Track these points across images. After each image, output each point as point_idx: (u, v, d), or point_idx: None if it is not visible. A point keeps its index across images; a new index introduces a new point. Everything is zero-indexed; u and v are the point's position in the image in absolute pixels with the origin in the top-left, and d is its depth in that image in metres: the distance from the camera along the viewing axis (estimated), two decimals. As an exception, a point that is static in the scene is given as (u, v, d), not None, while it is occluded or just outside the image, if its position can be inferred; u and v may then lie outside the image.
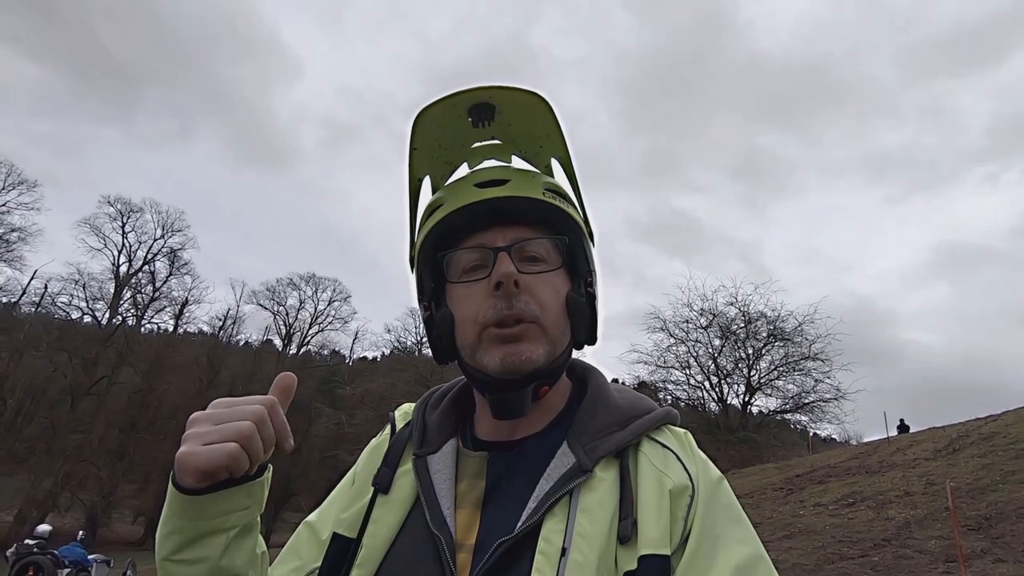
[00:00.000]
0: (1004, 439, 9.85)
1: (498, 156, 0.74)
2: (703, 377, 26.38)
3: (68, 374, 29.93)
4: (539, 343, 0.63)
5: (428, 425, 0.71)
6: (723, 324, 25.96)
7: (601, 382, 0.73)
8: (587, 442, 0.63)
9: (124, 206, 34.21)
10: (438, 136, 0.70)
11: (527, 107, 0.67)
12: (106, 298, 33.18)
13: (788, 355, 24.92)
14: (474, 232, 0.66)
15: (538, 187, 0.67)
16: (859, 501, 8.59)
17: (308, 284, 39.37)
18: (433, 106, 0.66)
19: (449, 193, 0.68)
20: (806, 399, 24.36)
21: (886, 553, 5.79)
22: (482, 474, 0.65)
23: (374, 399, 29.05)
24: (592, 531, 0.56)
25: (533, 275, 0.64)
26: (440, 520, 0.61)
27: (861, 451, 12.70)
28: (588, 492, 0.59)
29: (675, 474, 0.61)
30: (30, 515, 27.29)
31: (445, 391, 0.77)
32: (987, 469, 8.29)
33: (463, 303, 0.65)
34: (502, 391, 0.64)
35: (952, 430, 12.47)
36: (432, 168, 0.73)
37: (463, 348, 0.66)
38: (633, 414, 0.67)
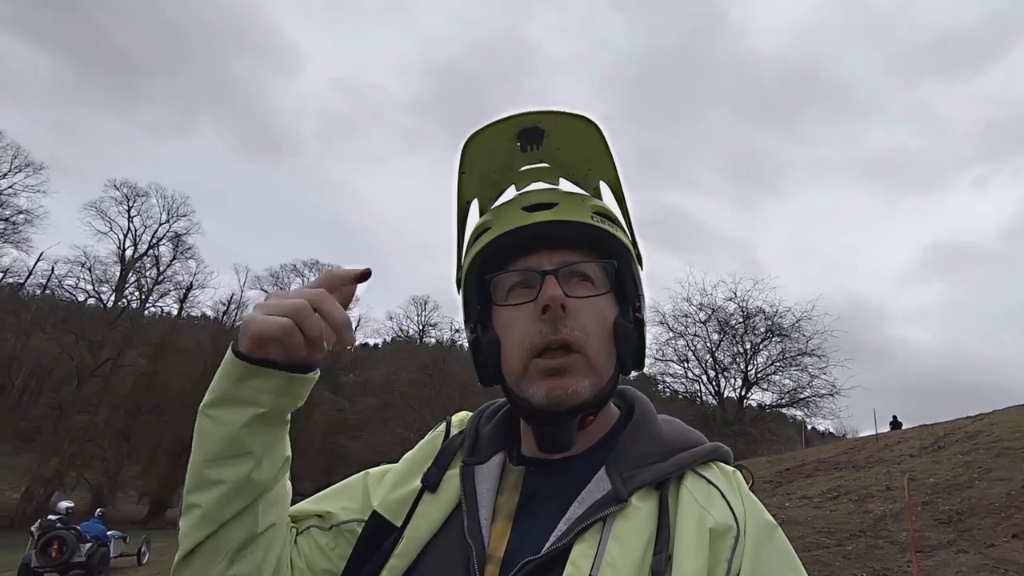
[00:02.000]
0: (987, 437, 10.14)
1: (545, 178, 0.73)
2: (701, 371, 26.71)
3: (74, 356, 30.35)
4: (584, 376, 0.62)
5: (480, 436, 0.72)
6: (722, 319, 26.21)
7: (648, 411, 0.72)
8: (625, 470, 0.62)
9: (130, 190, 34.50)
10: (487, 160, 0.70)
11: (576, 131, 0.67)
12: (111, 281, 33.58)
13: (785, 351, 25.20)
14: (521, 255, 0.66)
15: (586, 210, 0.67)
16: (842, 495, 8.90)
17: (311, 270, 39.65)
18: (483, 131, 0.66)
19: (496, 216, 0.69)
20: (802, 394, 24.68)
21: (860, 543, 6.09)
22: (518, 487, 0.65)
23: (376, 387, 29.45)
24: (622, 561, 0.55)
25: (580, 299, 0.64)
26: (476, 530, 0.61)
27: (851, 446, 13.02)
28: (622, 520, 0.58)
29: (718, 512, 0.59)
30: (37, 493, 27.84)
31: (500, 406, 0.77)
32: (967, 466, 8.57)
33: (510, 327, 0.65)
34: (547, 423, 0.64)
35: (940, 428, 12.77)
36: (480, 191, 0.73)
37: (508, 375, 0.66)
38: (678, 446, 0.66)
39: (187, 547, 0.61)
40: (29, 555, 10.49)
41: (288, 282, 39.43)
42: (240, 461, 0.59)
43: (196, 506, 0.60)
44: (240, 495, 0.60)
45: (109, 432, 29.90)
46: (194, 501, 0.60)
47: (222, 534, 0.61)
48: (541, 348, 0.62)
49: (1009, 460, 8.36)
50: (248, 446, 0.59)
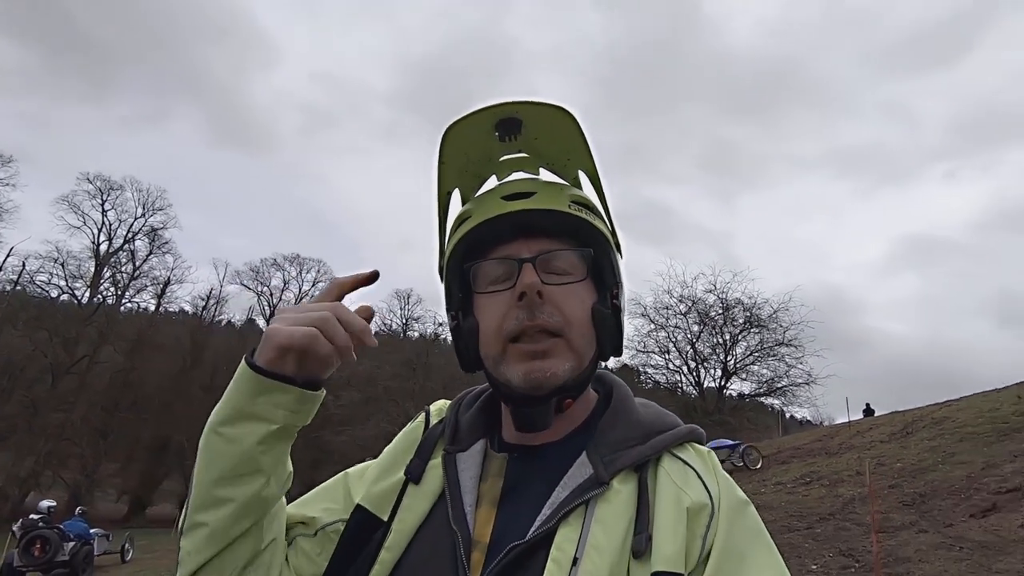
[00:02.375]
0: (952, 423, 10.52)
1: (526, 168, 0.74)
2: (681, 362, 27.11)
3: (48, 353, 29.72)
4: (564, 358, 0.63)
5: (460, 424, 0.73)
6: (702, 310, 26.62)
7: (625, 395, 0.73)
8: (606, 454, 0.63)
9: (103, 183, 33.72)
10: (466, 150, 0.70)
11: (553, 121, 0.67)
12: (85, 277, 32.86)
13: (763, 341, 25.70)
14: (500, 244, 0.67)
15: (564, 199, 0.68)
16: (815, 480, 9.19)
17: (292, 264, 39.29)
18: (460, 122, 0.66)
19: (476, 205, 0.69)
20: (779, 383, 25.23)
21: (828, 525, 6.33)
22: (502, 473, 0.66)
23: (360, 381, 29.36)
24: (605, 543, 0.56)
25: (557, 286, 0.65)
26: (460, 517, 0.62)
27: (825, 434, 13.41)
28: (604, 504, 0.60)
29: (694, 492, 0.61)
30: (12, 493, 27.31)
31: (479, 393, 0.78)
32: (932, 451, 8.91)
33: (487, 313, 0.66)
34: (525, 405, 0.65)
35: (909, 415, 13.20)
36: (460, 181, 0.74)
37: (487, 358, 0.67)
38: (656, 429, 0.67)
39: (191, 567, 0.60)
40: (11, 554, 10.40)
41: (268, 276, 39.00)
42: (251, 479, 0.59)
43: (202, 525, 0.59)
44: (248, 513, 0.60)
45: (86, 430, 29.40)
46: (200, 520, 0.59)
47: (228, 553, 0.60)
48: (516, 333, 0.63)
49: (971, 445, 8.71)
50: (260, 464, 0.59)
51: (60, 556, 10.35)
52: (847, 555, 5.14)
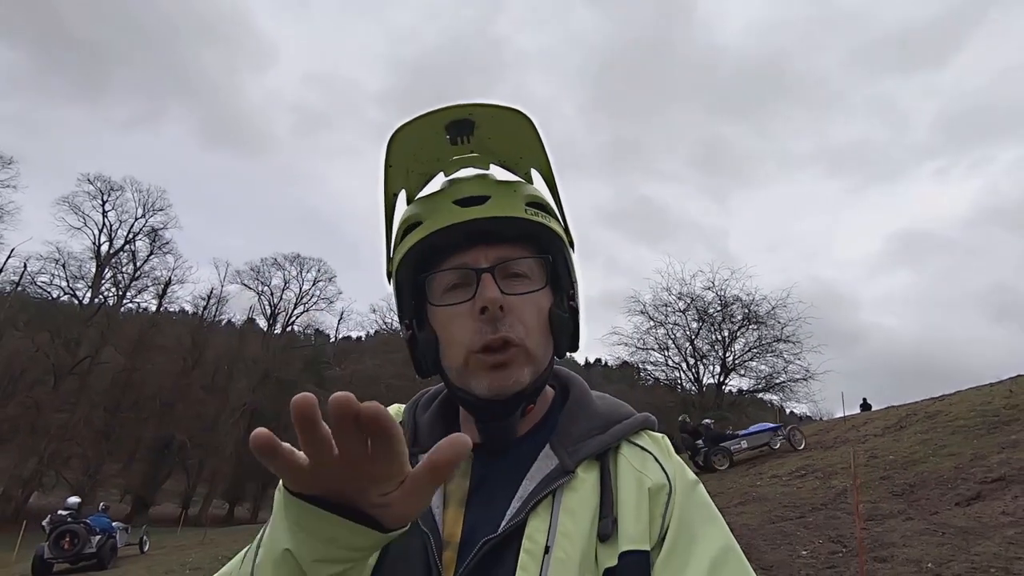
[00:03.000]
0: (945, 417, 10.72)
1: (476, 164, 0.72)
2: (680, 358, 27.31)
3: (50, 354, 29.88)
4: (523, 366, 0.64)
5: (419, 426, 0.73)
6: (700, 308, 26.82)
7: (583, 389, 0.75)
8: (569, 445, 0.65)
9: (104, 184, 33.96)
10: (415, 152, 0.69)
11: (506, 122, 0.66)
12: (87, 277, 33.05)
13: (761, 337, 25.92)
14: (455, 252, 0.66)
15: (520, 203, 0.67)
16: (809, 473, 9.39)
17: (293, 264, 39.47)
18: (409, 124, 0.65)
19: (426, 210, 0.67)
20: (777, 379, 25.46)
21: (820, 515, 6.53)
22: (467, 473, 0.66)
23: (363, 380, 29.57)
24: (574, 530, 0.58)
25: (517, 296, 0.64)
26: (428, 518, 0.62)
27: (821, 428, 13.62)
28: (570, 492, 0.61)
29: (653, 474, 0.63)
30: (15, 494, 27.49)
31: (434, 395, 0.78)
32: (924, 444, 9.11)
33: (448, 327, 0.65)
34: (489, 416, 0.65)
35: (904, 409, 13.41)
36: (407, 182, 0.72)
37: (449, 370, 0.67)
38: (613, 419, 0.69)
39: None
40: (42, 547, 11.10)
41: (269, 276, 39.15)
42: None
43: None
44: None
45: (88, 430, 29.56)
46: None
47: None
48: (482, 348, 0.63)
49: (962, 437, 8.91)
50: None
51: (87, 548, 11.22)
52: (836, 541, 5.33)
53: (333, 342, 43.24)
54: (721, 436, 12.94)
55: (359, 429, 0.39)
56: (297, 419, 0.38)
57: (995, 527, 4.91)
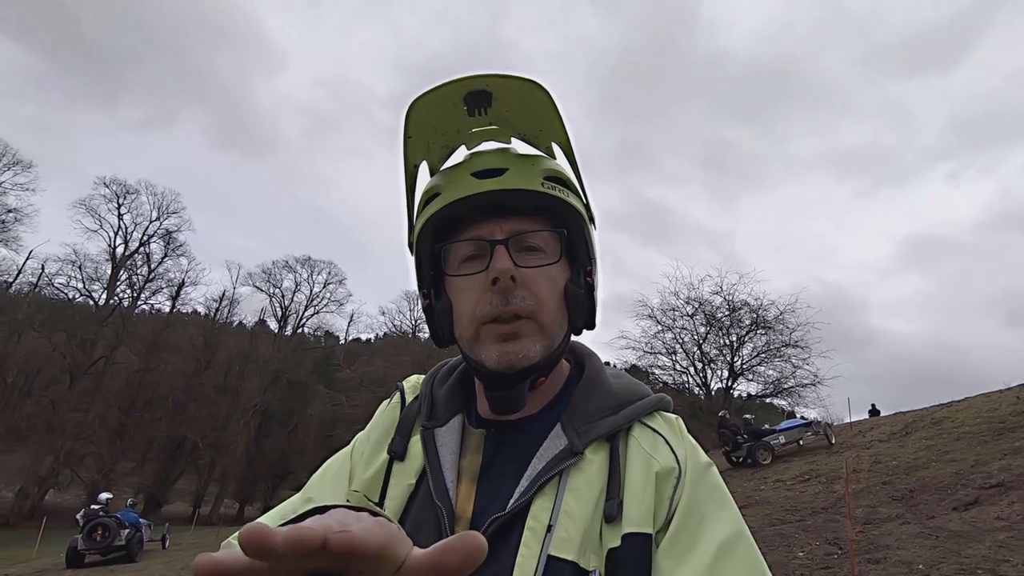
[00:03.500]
0: (951, 423, 10.74)
1: (497, 138, 0.71)
2: (688, 363, 27.35)
3: (67, 354, 30.45)
4: (535, 339, 0.63)
5: (436, 399, 0.73)
6: (708, 312, 26.86)
7: (598, 366, 0.74)
8: (580, 425, 0.65)
9: (119, 187, 34.56)
10: (433, 123, 0.69)
11: (524, 94, 0.66)
12: (102, 279, 33.63)
13: (770, 342, 25.89)
14: (472, 223, 0.66)
15: (537, 176, 0.66)
16: (813, 477, 9.46)
17: (303, 266, 39.84)
18: (426, 95, 0.65)
19: (446, 181, 0.68)
20: (785, 384, 25.41)
21: (819, 518, 6.63)
22: (480, 449, 0.67)
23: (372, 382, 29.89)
24: (578, 510, 0.59)
25: (530, 269, 0.64)
26: (443, 492, 0.63)
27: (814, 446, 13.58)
28: (577, 473, 0.61)
29: (663, 457, 0.63)
30: (32, 492, 28.01)
31: (452, 367, 0.78)
32: (928, 450, 9.16)
33: (461, 296, 0.66)
34: (499, 386, 0.65)
35: (911, 415, 13.40)
36: (428, 154, 0.72)
37: (461, 340, 0.67)
38: (627, 399, 0.68)
39: None
40: (76, 539, 12.00)
41: (280, 278, 39.60)
42: None
43: None
44: None
45: (103, 429, 30.06)
46: None
47: None
48: (492, 318, 0.63)
49: (966, 444, 8.94)
50: None
51: (118, 541, 12.12)
52: (832, 543, 5.44)
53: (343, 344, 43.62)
54: (761, 431, 13.24)
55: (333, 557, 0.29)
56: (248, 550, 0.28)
57: (988, 531, 5.00)
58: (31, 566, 12.71)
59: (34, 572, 11.78)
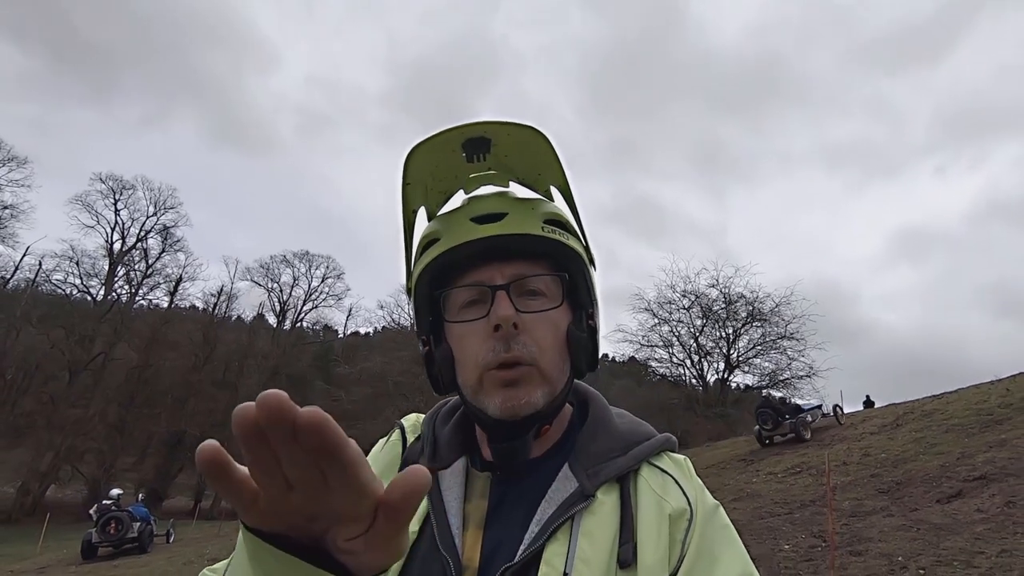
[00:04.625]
0: (941, 416, 10.90)
1: (495, 182, 0.72)
2: (684, 355, 27.58)
3: (65, 350, 30.51)
4: (537, 386, 0.63)
5: (439, 440, 0.71)
6: (705, 305, 27.05)
7: (603, 407, 0.73)
8: (589, 466, 0.64)
9: (116, 183, 34.50)
10: (431, 170, 0.69)
11: (523, 140, 0.66)
12: (100, 275, 33.67)
13: (765, 334, 26.14)
14: (471, 269, 0.65)
15: (537, 220, 0.66)
16: (804, 470, 9.63)
17: (302, 261, 39.83)
18: (425, 143, 0.65)
19: (444, 227, 0.67)
20: (781, 376, 25.66)
21: (807, 511, 6.79)
22: (486, 494, 0.65)
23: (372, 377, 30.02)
24: (593, 556, 0.57)
25: (533, 314, 0.64)
26: (448, 541, 0.61)
27: (820, 426, 13.81)
28: (589, 516, 0.60)
29: (674, 499, 0.62)
30: (33, 488, 28.17)
31: (454, 407, 0.76)
32: (917, 442, 9.32)
33: (462, 343, 0.65)
34: (502, 436, 0.64)
35: (903, 407, 13.58)
36: (426, 200, 0.72)
37: (464, 387, 0.66)
38: (634, 440, 0.68)
39: None
40: (90, 533, 12.56)
41: (278, 273, 39.61)
42: None
43: None
44: None
45: (102, 425, 30.18)
46: None
47: None
48: (495, 366, 0.62)
49: (954, 436, 9.10)
50: None
51: (130, 534, 12.77)
52: (817, 536, 5.59)
53: (341, 338, 43.72)
54: (798, 409, 13.97)
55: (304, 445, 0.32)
56: (240, 434, 0.32)
57: (967, 523, 5.15)
58: (35, 563, 12.88)
59: (38, 568, 11.94)
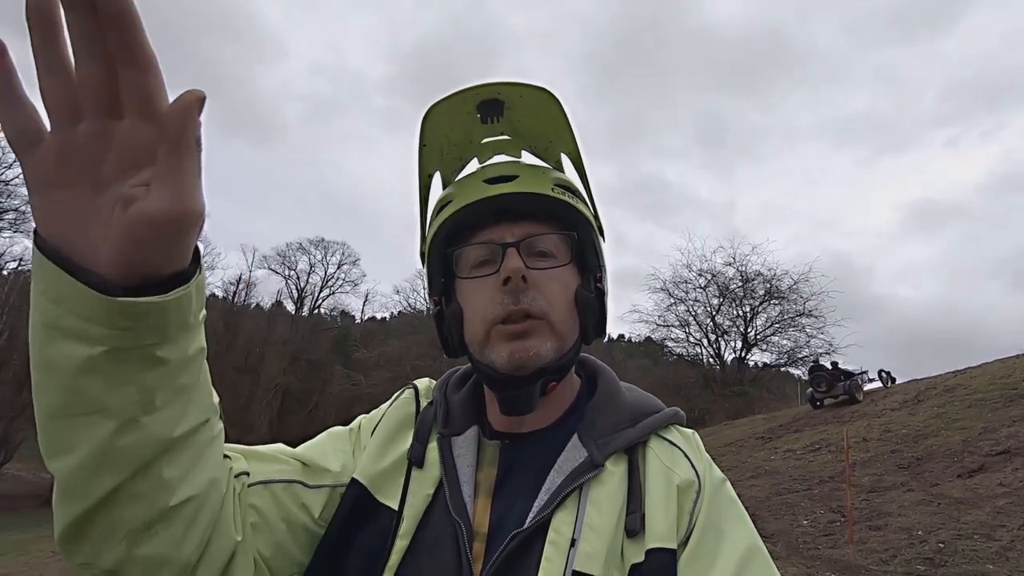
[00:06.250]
0: (964, 391, 10.75)
1: (508, 151, 0.73)
2: (701, 335, 27.43)
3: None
4: (547, 339, 0.63)
5: (451, 407, 0.72)
6: (721, 284, 26.80)
7: (612, 380, 0.73)
8: (598, 437, 0.64)
9: (134, 175, 34.96)
10: (447, 132, 0.70)
11: (536, 103, 0.67)
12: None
13: (784, 312, 25.86)
14: (483, 228, 0.66)
15: (547, 183, 0.67)
16: (823, 447, 9.60)
17: (317, 248, 40.13)
18: (442, 103, 0.66)
19: (458, 189, 0.68)
20: (800, 354, 25.42)
21: (826, 487, 6.79)
22: (495, 462, 0.66)
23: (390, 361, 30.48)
24: (601, 524, 0.58)
25: (541, 271, 0.64)
26: (460, 506, 0.61)
27: (840, 402, 13.72)
28: (598, 486, 0.61)
29: (682, 471, 0.63)
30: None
31: (465, 375, 0.77)
32: (938, 418, 9.22)
33: (472, 298, 0.66)
34: (510, 387, 0.64)
35: (924, 383, 13.41)
36: (442, 164, 0.73)
37: (471, 344, 0.67)
38: (642, 412, 0.68)
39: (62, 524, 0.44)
40: None
41: (295, 260, 40.04)
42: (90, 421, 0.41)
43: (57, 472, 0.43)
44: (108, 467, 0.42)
45: (131, 412, 31.07)
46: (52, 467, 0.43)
47: (104, 514, 0.44)
48: (502, 318, 0.62)
49: (977, 411, 8.98)
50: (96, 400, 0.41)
51: None
52: (836, 511, 5.60)
53: (359, 323, 44.22)
54: (850, 373, 14.59)
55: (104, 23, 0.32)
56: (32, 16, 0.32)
57: (989, 497, 5.12)
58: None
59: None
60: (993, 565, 4.03)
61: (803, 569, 4.41)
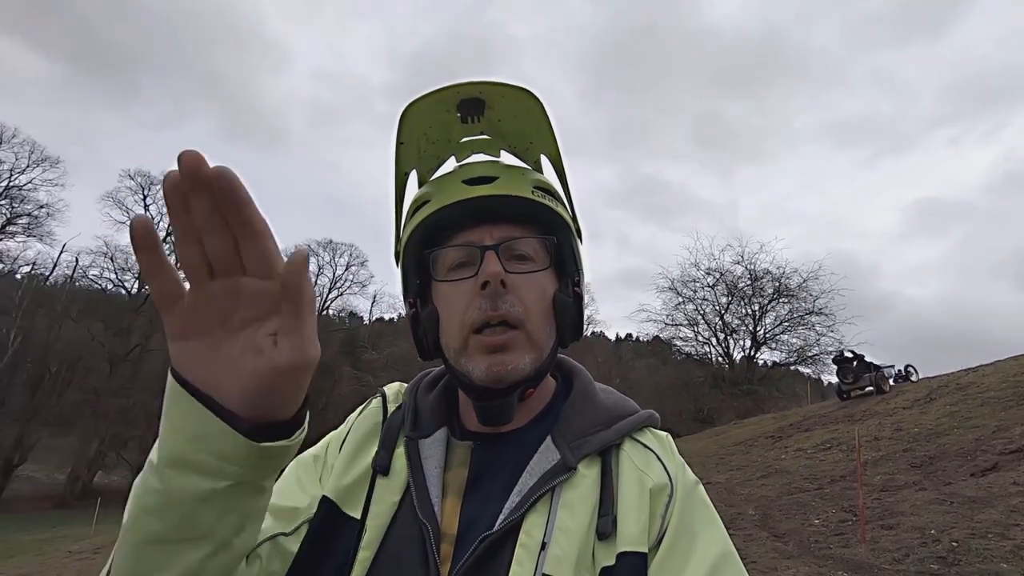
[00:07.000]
0: (976, 389, 10.64)
1: (487, 151, 0.72)
2: (710, 333, 27.35)
3: (104, 342, 31.69)
4: (525, 352, 0.62)
5: (420, 409, 0.70)
6: (730, 282, 26.70)
7: (587, 382, 0.73)
8: (572, 439, 0.64)
9: (144, 179, 35.34)
10: (425, 130, 0.68)
11: (517, 103, 0.66)
12: (133, 269, 34.66)
13: (793, 310, 25.73)
14: (461, 230, 0.65)
15: (527, 185, 0.66)
16: (834, 446, 9.55)
17: (325, 250, 40.35)
18: (421, 100, 0.64)
19: (436, 189, 0.67)
20: (809, 352, 25.29)
21: (837, 486, 6.77)
22: (466, 463, 0.65)
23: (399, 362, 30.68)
24: (572, 527, 0.57)
25: (520, 275, 0.63)
26: (428, 509, 0.61)
27: (851, 401, 13.63)
28: (570, 488, 0.60)
29: (655, 474, 0.62)
30: (82, 474, 29.60)
31: (436, 377, 0.76)
32: (951, 416, 9.15)
33: (449, 302, 0.65)
34: (487, 398, 0.64)
35: (936, 381, 13.29)
36: (419, 162, 0.72)
37: (447, 349, 0.66)
38: (617, 414, 0.68)
39: None
40: None
41: (303, 263, 40.21)
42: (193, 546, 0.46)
43: None
44: None
45: (143, 414, 31.36)
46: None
47: None
48: (480, 324, 0.62)
49: (990, 409, 8.89)
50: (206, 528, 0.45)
51: None
52: (848, 511, 5.58)
53: (367, 324, 44.40)
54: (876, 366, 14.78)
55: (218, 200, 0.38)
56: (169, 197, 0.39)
57: (1002, 496, 5.09)
58: (91, 543, 13.61)
59: (94, 549, 12.63)
60: (1007, 564, 4.01)
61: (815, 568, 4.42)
